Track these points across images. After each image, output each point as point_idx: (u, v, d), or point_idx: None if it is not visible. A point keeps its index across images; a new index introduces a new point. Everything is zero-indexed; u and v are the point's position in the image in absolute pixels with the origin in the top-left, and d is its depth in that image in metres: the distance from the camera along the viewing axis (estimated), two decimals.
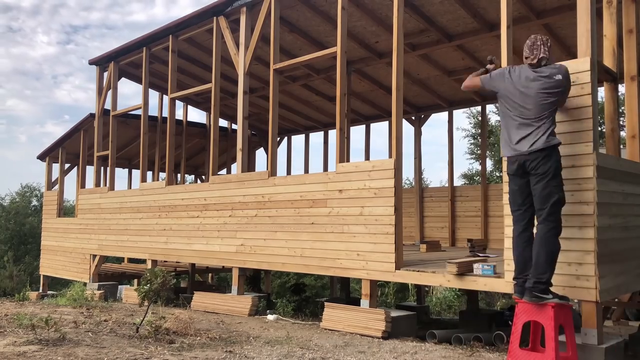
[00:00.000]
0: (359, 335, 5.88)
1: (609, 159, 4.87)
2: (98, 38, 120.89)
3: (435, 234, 11.32)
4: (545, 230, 4.12)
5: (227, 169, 15.12)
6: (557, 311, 3.99)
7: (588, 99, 4.51)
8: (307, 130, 14.09)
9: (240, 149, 8.02)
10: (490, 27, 8.18)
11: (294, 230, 6.98)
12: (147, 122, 10.16)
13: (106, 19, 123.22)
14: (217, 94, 8.53)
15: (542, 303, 4.04)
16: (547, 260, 4.08)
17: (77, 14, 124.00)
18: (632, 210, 5.16)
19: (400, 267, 5.85)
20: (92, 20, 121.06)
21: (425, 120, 12.03)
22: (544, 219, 4.13)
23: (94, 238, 10.92)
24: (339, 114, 6.62)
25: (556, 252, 4.14)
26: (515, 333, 4.14)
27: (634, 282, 5.23)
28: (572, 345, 4.12)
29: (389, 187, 5.96)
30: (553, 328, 3.92)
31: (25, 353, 4.23)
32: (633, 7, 5.84)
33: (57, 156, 13.30)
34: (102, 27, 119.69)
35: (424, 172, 41.72)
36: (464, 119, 25.32)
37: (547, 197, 4.12)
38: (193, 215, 8.58)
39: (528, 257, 4.24)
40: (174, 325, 5.56)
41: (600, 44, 5.50)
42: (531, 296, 4.08)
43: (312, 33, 9.07)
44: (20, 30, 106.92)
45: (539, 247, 4.12)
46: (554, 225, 4.12)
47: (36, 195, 26.72)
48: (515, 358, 4.12)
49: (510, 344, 4.16)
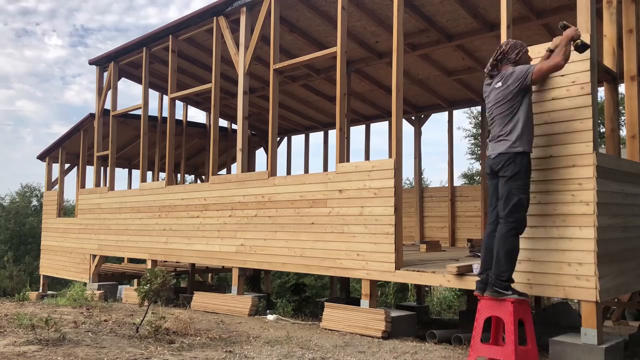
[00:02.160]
0: (359, 335, 5.88)
1: (609, 159, 4.87)
2: (110, 40, 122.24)
3: (435, 234, 11.33)
4: (505, 230, 4.26)
5: (227, 169, 15.12)
6: (516, 306, 4.14)
7: (588, 99, 4.51)
8: (307, 130, 14.10)
9: (240, 149, 8.02)
10: (490, 27, 8.18)
11: (294, 230, 6.97)
12: (147, 122, 10.16)
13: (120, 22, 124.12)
14: (217, 94, 8.54)
15: (502, 299, 4.18)
16: (506, 258, 4.23)
17: (93, 17, 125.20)
18: (632, 210, 5.16)
19: (400, 267, 5.85)
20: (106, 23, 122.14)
21: (425, 120, 12.03)
22: (504, 219, 4.29)
23: (93, 238, 10.92)
24: (339, 114, 6.62)
25: (515, 252, 4.29)
26: (477, 328, 4.29)
27: (634, 282, 5.23)
28: (531, 339, 4.26)
29: (389, 187, 5.96)
30: (512, 322, 4.08)
31: (25, 353, 4.23)
32: (633, 7, 5.84)
33: (57, 156, 13.30)
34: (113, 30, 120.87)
35: (424, 172, 41.77)
36: (464, 119, 25.42)
37: (508, 198, 4.27)
38: (193, 215, 8.58)
39: (490, 256, 4.37)
40: (174, 325, 5.57)
41: (600, 44, 5.51)
42: (492, 291, 4.23)
43: (312, 33, 9.07)
44: (35, 34, 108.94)
45: (498, 245, 4.27)
46: (514, 225, 4.25)
47: (36, 195, 26.69)
48: (477, 352, 4.27)
49: (472, 338, 4.31)
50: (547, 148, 4.67)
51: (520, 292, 4.28)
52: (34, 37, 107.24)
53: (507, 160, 4.30)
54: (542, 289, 4.67)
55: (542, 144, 4.69)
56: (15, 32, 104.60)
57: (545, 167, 4.67)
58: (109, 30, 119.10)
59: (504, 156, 4.33)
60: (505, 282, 4.20)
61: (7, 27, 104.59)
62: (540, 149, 4.65)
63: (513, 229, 4.25)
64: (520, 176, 4.28)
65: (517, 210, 4.25)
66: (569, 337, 4.62)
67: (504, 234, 4.26)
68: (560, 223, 4.56)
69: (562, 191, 4.57)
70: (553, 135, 4.66)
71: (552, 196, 4.62)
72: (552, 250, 4.59)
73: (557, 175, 4.60)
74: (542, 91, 4.73)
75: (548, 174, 4.67)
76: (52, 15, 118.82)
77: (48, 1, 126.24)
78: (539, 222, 4.65)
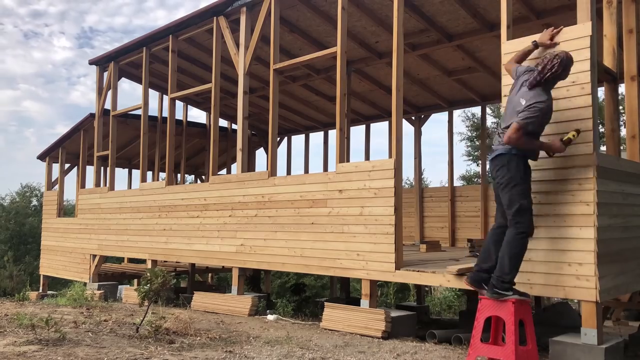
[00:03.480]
0: (359, 335, 5.88)
1: (609, 159, 4.88)
2: (117, 42, 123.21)
3: (435, 234, 11.33)
4: (514, 233, 4.23)
5: (227, 169, 15.12)
6: (517, 307, 4.14)
7: (588, 99, 4.51)
8: (307, 130, 14.09)
9: (240, 149, 8.02)
10: (490, 27, 8.18)
11: (294, 230, 6.97)
12: (147, 122, 10.16)
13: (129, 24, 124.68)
14: (217, 94, 8.53)
15: (503, 299, 4.16)
16: (511, 262, 4.20)
17: (102, 19, 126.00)
18: (632, 210, 5.16)
19: (400, 267, 5.85)
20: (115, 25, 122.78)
21: (425, 120, 12.03)
22: (511, 224, 4.26)
23: (94, 238, 10.92)
24: (339, 114, 6.62)
25: (521, 255, 4.26)
26: (477, 327, 4.29)
27: (634, 282, 5.23)
28: (531, 339, 4.26)
29: (389, 187, 5.96)
30: (513, 323, 4.08)
31: (25, 353, 4.23)
32: (633, 7, 5.84)
33: (57, 156, 13.30)
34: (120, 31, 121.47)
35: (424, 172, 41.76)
36: (459, 122, 25.50)
37: (510, 204, 4.25)
38: (193, 215, 8.58)
39: (492, 252, 4.37)
40: (174, 325, 5.57)
41: (600, 44, 5.50)
42: (492, 292, 4.22)
43: (312, 33, 9.07)
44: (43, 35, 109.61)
45: (505, 248, 4.25)
46: (522, 229, 4.22)
47: (36, 195, 26.68)
48: (477, 351, 4.27)
49: (472, 338, 4.31)
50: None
51: (521, 292, 4.28)
52: (42, 38, 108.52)
53: (501, 166, 4.29)
54: (542, 289, 4.67)
55: None
56: (24, 33, 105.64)
57: (545, 167, 4.67)
58: (115, 32, 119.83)
59: (499, 160, 4.30)
60: (507, 285, 4.17)
61: (17, 29, 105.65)
62: None
63: (522, 232, 4.21)
64: (517, 182, 4.23)
65: (521, 215, 4.20)
66: (569, 337, 4.62)
67: (513, 237, 4.21)
68: (560, 223, 4.56)
69: (562, 191, 4.58)
70: (553, 136, 4.66)
71: (552, 196, 4.62)
72: (552, 250, 4.59)
73: (557, 175, 4.60)
74: None
75: (548, 174, 4.67)
76: (61, 18, 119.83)
77: (59, 3, 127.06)
78: (539, 222, 4.65)
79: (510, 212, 4.23)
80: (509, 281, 4.18)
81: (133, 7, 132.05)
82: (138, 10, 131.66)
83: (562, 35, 4.73)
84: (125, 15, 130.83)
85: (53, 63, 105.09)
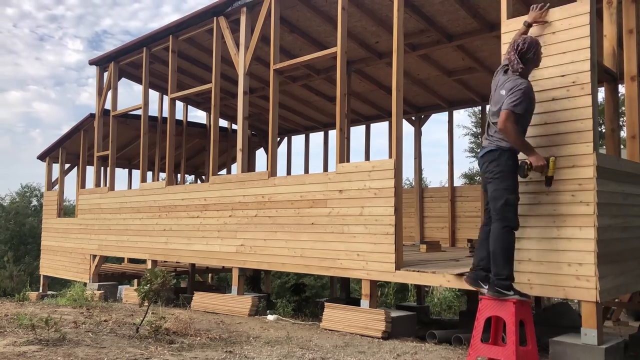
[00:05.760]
0: (359, 336, 5.88)
1: (609, 159, 4.87)
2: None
3: (435, 234, 11.32)
4: (499, 228, 4.29)
5: (227, 169, 15.12)
6: (518, 307, 4.15)
7: (588, 99, 4.51)
8: (307, 131, 14.09)
9: (240, 149, 8.02)
10: (490, 27, 8.18)
11: (294, 231, 6.97)
12: (147, 122, 10.16)
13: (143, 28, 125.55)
14: (217, 94, 8.53)
15: (504, 299, 4.18)
16: (503, 256, 4.24)
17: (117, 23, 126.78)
18: (632, 210, 5.16)
19: (400, 268, 5.85)
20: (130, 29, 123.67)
21: (425, 121, 12.03)
22: (496, 217, 4.32)
23: (94, 238, 10.92)
24: (339, 114, 6.62)
25: (510, 248, 4.30)
26: (477, 328, 4.30)
27: (634, 283, 5.23)
28: (532, 340, 4.26)
29: (389, 187, 5.96)
30: (514, 323, 4.09)
31: (25, 353, 4.23)
32: (633, 7, 5.84)
33: (58, 156, 13.31)
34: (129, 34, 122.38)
35: (424, 172, 41.77)
36: (465, 117, 25.56)
37: (495, 199, 4.32)
38: (193, 215, 8.57)
39: (484, 251, 4.43)
40: (174, 326, 5.57)
41: (600, 44, 5.50)
42: (493, 291, 4.24)
43: (312, 33, 9.07)
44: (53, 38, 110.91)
45: (493, 244, 4.29)
46: (507, 223, 4.28)
47: (36, 195, 26.67)
48: (477, 352, 4.28)
49: (473, 338, 4.31)
50: (547, 148, 4.66)
51: (522, 292, 4.29)
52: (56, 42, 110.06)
53: (491, 161, 4.37)
54: (542, 289, 4.66)
55: (543, 144, 4.69)
56: (39, 37, 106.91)
57: None
58: (130, 35, 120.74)
59: (489, 155, 4.39)
60: (505, 281, 4.20)
61: (32, 32, 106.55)
62: (540, 149, 4.64)
63: (506, 226, 4.27)
64: (507, 176, 4.31)
65: (507, 209, 4.28)
66: (569, 337, 4.62)
67: (499, 231, 4.28)
68: (560, 223, 4.56)
69: (562, 191, 4.57)
70: (553, 136, 4.67)
71: (552, 196, 4.62)
72: (552, 251, 4.59)
73: (557, 175, 4.59)
74: (542, 91, 4.73)
75: None
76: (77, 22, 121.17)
77: (77, 8, 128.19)
78: (539, 222, 4.65)
79: (496, 206, 4.29)
80: (506, 277, 4.21)
81: (149, 12, 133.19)
82: (154, 15, 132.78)
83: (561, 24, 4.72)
84: (141, 19, 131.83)
85: (65, 65, 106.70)
